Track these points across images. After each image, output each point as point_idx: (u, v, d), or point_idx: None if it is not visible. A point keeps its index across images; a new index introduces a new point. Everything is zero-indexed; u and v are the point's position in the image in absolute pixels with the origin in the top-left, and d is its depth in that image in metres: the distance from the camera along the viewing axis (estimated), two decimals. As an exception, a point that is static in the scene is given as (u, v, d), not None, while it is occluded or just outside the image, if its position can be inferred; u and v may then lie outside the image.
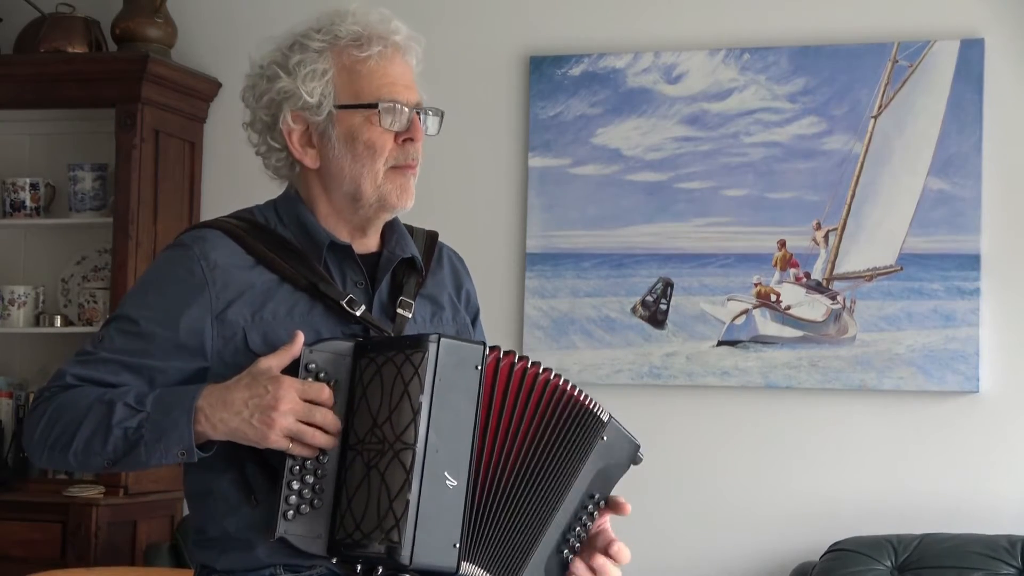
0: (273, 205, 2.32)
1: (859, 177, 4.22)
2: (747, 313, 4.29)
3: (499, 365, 2.13)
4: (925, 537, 3.94)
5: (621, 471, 2.23)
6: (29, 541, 4.31)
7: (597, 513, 2.21)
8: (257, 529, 2.14)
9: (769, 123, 4.30)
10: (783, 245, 4.28)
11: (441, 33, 4.43)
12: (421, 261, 2.34)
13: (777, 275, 4.28)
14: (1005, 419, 4.10)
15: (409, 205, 2.26)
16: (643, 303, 4.38)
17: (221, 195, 4.69)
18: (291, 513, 2.09)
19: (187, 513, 4.47)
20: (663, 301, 4.36)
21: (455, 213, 4.38)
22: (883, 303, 4.19)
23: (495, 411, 2.13)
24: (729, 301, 4.31)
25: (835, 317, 4.22)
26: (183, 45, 4.76)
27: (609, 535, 2.24)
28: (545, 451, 2.15)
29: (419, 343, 2.06)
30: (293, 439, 2.07)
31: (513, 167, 4.51)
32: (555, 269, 4.43)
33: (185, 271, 2.20)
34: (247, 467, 2.16)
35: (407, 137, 2.23)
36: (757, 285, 4.29)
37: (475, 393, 2.08)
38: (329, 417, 2.08)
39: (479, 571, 2.10)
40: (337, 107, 2.21)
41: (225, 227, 2.25)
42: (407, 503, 2.02)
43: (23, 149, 4.89)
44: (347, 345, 2.13)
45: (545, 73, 4.47)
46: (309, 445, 2.09)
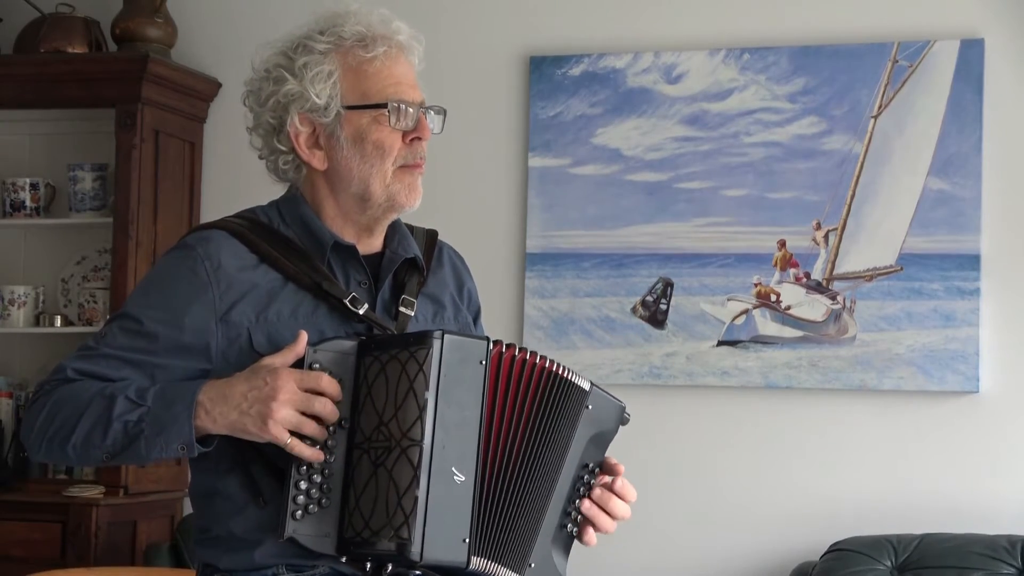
0: (276, 205, 2.33)
1: (859, 177, 4.22)
2: (747, 313, 4.29)
3: (501, 359, 2.14)
4: (925, 537, 3.94)
5: (610, 436, 2.25)
6: (29, 541, 4.31)
7: (594, 482, 2.23)
8: (264, 529, 2.15)
9: (769, 123, 4.30)
10: (783, 245, 4.28)
11: (441, 33, 4.43)
12: (423, 261, 2.34)
13: (777, 275, 4.28)
14: (1005, 419, 4.11)
15: (416, 204, 2.27)
16: (643, 303, 4.38)
17: (221, 195, 4.69)
18: (299, 513, 2.09)
19: (188, 512, 4.47)
20: (663, 301, 4.36)
21: (455, 213, 4.38)
22: (883, 303, 4.19)
23: (499, 404, 2.13)
24: (729, 301, 4.31)
25: (835, 317, 4.22)
26: (183, 45, 4.76)
27: (609, 481, 2.24)
28: (537, 432, 2.16)
29: (423, 340, 2.07)
30: (293, 432, 2.07)
31: (513, 167, 4.51)
32: (555, 269, 4.43)
33: (189, 272, 2.20)
34: (253, 467, 2.16)
35: (415, 136, 2.25)
36: (757, 285, 4.29)
37: (480, 388, 2.09)
38: (329, 407, 2.09)
39: (490, 564, 2.11)
40: (345, 108, 2.22)
41: (229, 227, 2.26)
42: (416, 500, 2.03)
43: (23, 149, 4.89)
44: (351, 344, 2.13)
45: (545, 73, 4.47)
46: (309, 437, 2.08)
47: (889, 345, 4.17)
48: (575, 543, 2.25)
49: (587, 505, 2.22)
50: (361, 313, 2.21)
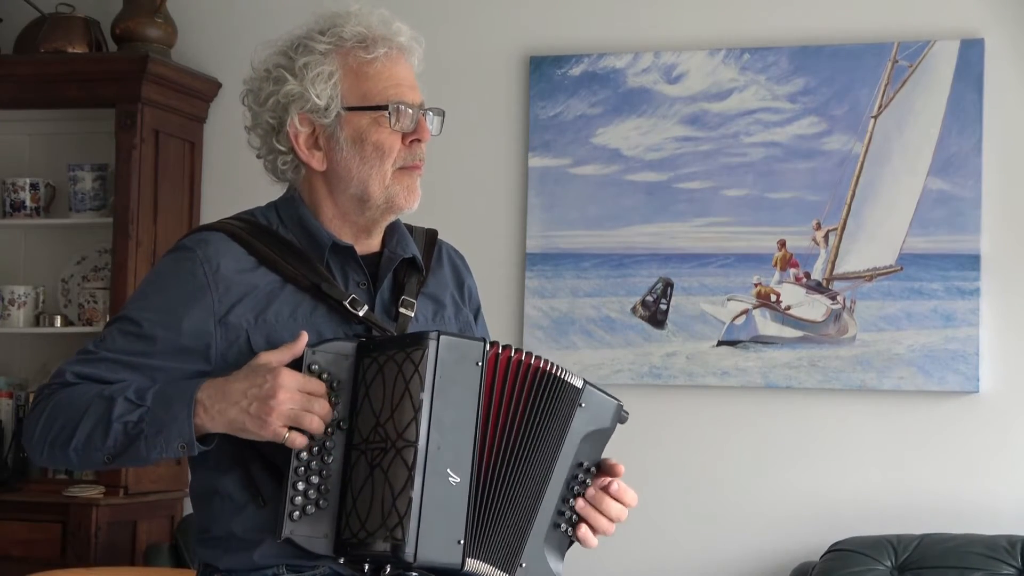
0: (274, 207, 2.33)
1: (859, 177, 4.22)
2: (747, 313, 4.29)
3: (498, 360, 2.13)
4: (925, 537, 3.95)
5: (608, 434, 2.23)
6: (29, 541, 4.31)
7: (589, 480, 2.21)
8: (263, 529, 2.15)
9: (769, 123, 4.30)
10: (783, 245, 4.28)
11: (441, 33, 4.43)
12: (422, 260, 2.34)
13: (777, 275, 4.28)
14: (1005, 419, 4.11)
15: (415, 206, 2.27)
16: (643, 303, 4.38)
17: (221, 195, 4.69)
18: (297, 514, 2.09)
19: (188, 513, 4.47)
20: (663, 301, 4.36)
21: (455, 213, 4.38)
22: (883, 303, 4.19)
23: (495, 405, 2.13)
24: (729, 301, 4.31)
25: (835, 317, 4.22)
26: (183, 45, 4.76)
27: (606, 482, 2.22)
28: (528, 431, 2.15)
29: (419, 341, 2.07)
30: (290, 427, 2.07)
31: (513, 167, 4.51)
32: (555, 269, 4.43)
33: (188, 274, 2.20)
34: (252, 467, 2.17)
35: (415, 138, 2.25)
36: (757, 285, 4.29)
37: (476, 389, 2.09)
38: (326, 408, 2.09)
39: (484, 566, 2.10)
40: (345, 109, 2.22)
41: (228, 229, 2.26)
42: (410, 501, 2.02)
43: (23, 149, 4.89)
44: (350, 345, 2.13)
45: (545, 73, 4.47)
46: (306, 432, 2.08)
47: (889, 345, 4.17)
48: (576, 544, 2.24)
49: (581, 504, 2.20)
50: (360, 315, 2.21)
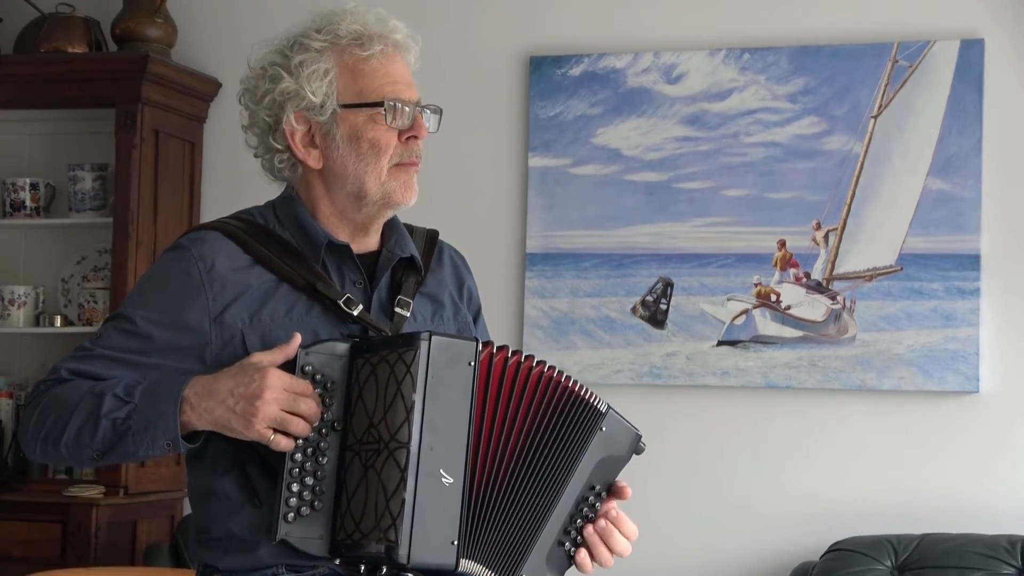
0: (272, 206, 2.33)
1: (859, 177, 4.22)
2: (747, 313, 4.29)
3: (493, 361, 2.13)
4: (925, 537, 3.95)
5: (623, 462, 2.23)
6: (29, 541, 4.31)
7: (599, 504, 2.21)
8: (260, 530, 2.15)
9: (769, 123, 4.30)
10: (783, 245, 4.28)
11: (441, 33, 4.43)
12: (420, 260, 2.34)
13: (777, 275, 4.28)
14: (1005, 419, 4.11)
15: (412, 201, 2.27)
16: (643, 303, 4.38)
17: (221, 195, 4.69)
18: (291, 515, 2.09)
19: (188, 513, 4.47)
20: (663, 301, 4.36)
21: (455, 213, 4.38)
22: (883, 303, 4.19)
23: (490, 407, 2.12)
24: (729, 301, 4.31)
25: (835, 317, 4.22)
26: (183, 45, 4.76)
27: (613, 514, 2.22)
28: (542, 445, 2.15)
29: (411, 341, 2.07)
30: (276, 429, 2.07)
31: (513, 167, 4.51)
32: (555, 269, 4.43)
33: (183, 273, 2.21)
34: (249, 468, 2.16)
35: (411, 135, 2.25)
36: (757, 285, 4.29)
37: (469, 390, 2.08)
38: (313, 409, 2.08)
39: (479, 568, 2.10)
40: (341, 106, 2.22)
41: (224, 228, 2.26)
42: (403, 502, 2.02)
43: (23, 149, 4.89)
44: (343, 346, 2.13)
45: (545, 73, 4.47)
46: (292, 435, 2.08)
47: (889, 345, 4.17)
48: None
49: (589, 532, 2.19)
50: (355, 314, 2.21)
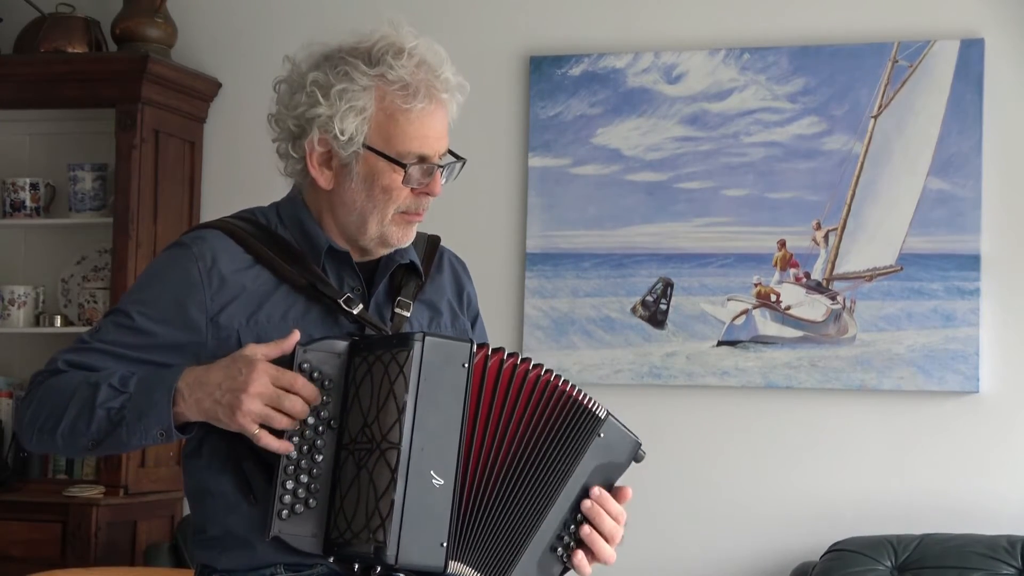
0: (275, 207, 2.34)
1: (859, 177, 4.22)
2: (747, 313, 4.29)
3: (487, 363, 2.13)
4: (925, 537, 3.94)
5: (621, 469, 2.21)
6: (29, 541, 4.31)
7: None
8: (256, 528, 2.15)
9: (769, 123, 4.30)
10: (783, 245, 4.28)
11: (441, 33, 4.38)
12: (420, 266, 2.35)
13: (777, 275, 4.28)
14: (1005, 419, 4.10)
15: (408, 243, 2.29)
16: (643, 303, 4.38)
17: (221, 195, 4.69)
18: (285, 512, 2.10)
19: (187, 513, 4.47)
20: (663, 301, 4.36)
21: (455, 213, 4.37)
22: (883, 303, 4.19)
23: (484, 409, 2.12)
24: (729, 301, 4.31)
25: (835, 317, 4.22)
26: (183, 45, 4.76)
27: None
28: (537, 449, 2.15)
29: (405, 341, 2.07)
30: (261, 424, 2.07)
31: (513, 167, 4.51)
32: (555, 269, 4.43)
33: (183, 271, 2.21)
34: (245, 465, 2.17)
35: (424, 191, 2.25)
36: (757, 285, 4.29)
37: (462, 391, 2.08)
38: (298, 405, 2.08)
39: (469, 571, 2.10)
40: (366, 147, 2.22)
41: (225, 227, 2.27)
42: (392, 503, 2.02)
43: (23, 149, 4.89)
44: (342, 344, 2.14)
45: (545, 73, 4.47)
46: (277, 432, 2.08)
47: (889, 345, 4.17)
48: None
49: (587, 531, 2.17)
50: (355, 313, 2.21)
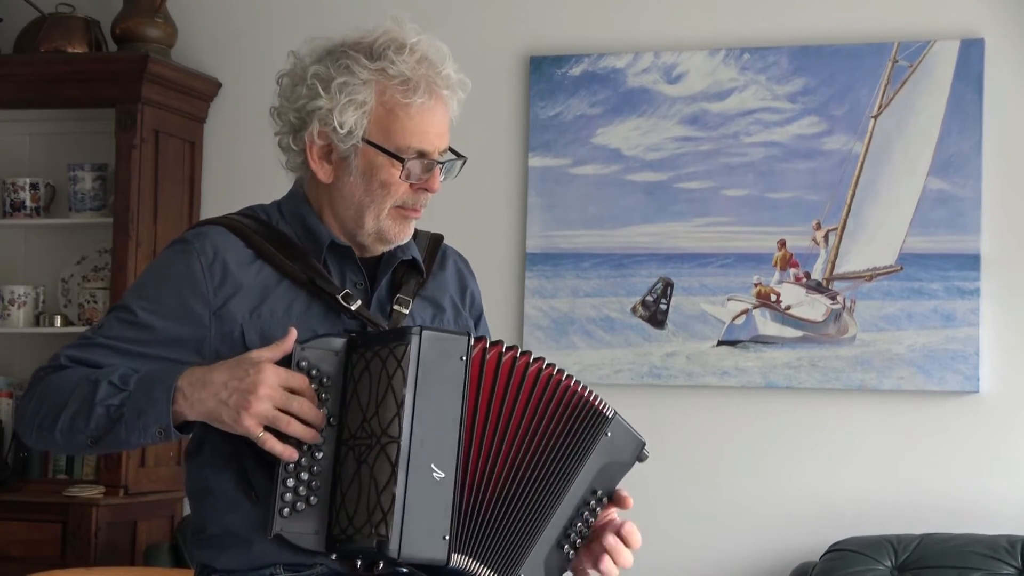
0: (277, 205, 2.35)
1: (859, 177, 4.22)
2: (747, 313, 4.29)
3: (486, 356, 2.14)
4: (925, 537, 3.94)
5: (625, 468, 2.23)
6: (29, 541, 4.31)
7: (600, 509, 2.21)
8: (257, 527, 2.15)
9: (769, 123, 4.30)
10: (783, 245, 4.28)
11: (441, 33, 4.39)
12: (422, 263, 2.35)
13: (777, 275, 4.28)
14: (1005, 419, 4.11)
15: (406, 240, 2.29)
16: (643, 303, 4.38)
17: (221, 195, 4.69)
18: (287, 510, 2.10)
19: (188, 513, 4.47)
20: (663, 301, 4.36)
21: (455, 213, 4.36)
22: (883, 303, 4.19)
23: (483, 402, 2.13)
24: (729, 301, 4.31)
25: (835, 317, 4.22)
26: (183, 45, 4.76)
27: (618, 522, 2.23)
28: (547, 446, 2.16)
29: (402, 336, 2.07)
30: (267, 427, 2.07)
31: (513, 167, 4.51)
32: (555, 269, 4.43)
33: (185, 266, 2.22)
34: (246, 464, 2.17)
35: (423, 187, 2.26)
36: (757, 285, 4.29)
37: (460, 384, 2.09)
38: (306, 407, 2.08)
39: (474, 563, 2.10)
40: (365, 141, 2.22)
41: (227, 223, 2.28)
42: (393, 496, 2.03)
43: (23, 149, 4.89)
44: (339, 342, 2.14)
45: (545, 73, 4.47)
46: (284, 435, 2.08)
47: (889, 345, 4.17)
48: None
49: (599, 550, 2.19)
50: (354, 309, 2.22)
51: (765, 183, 4.29)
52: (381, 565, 2.09)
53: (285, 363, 2.11)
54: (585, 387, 2.20)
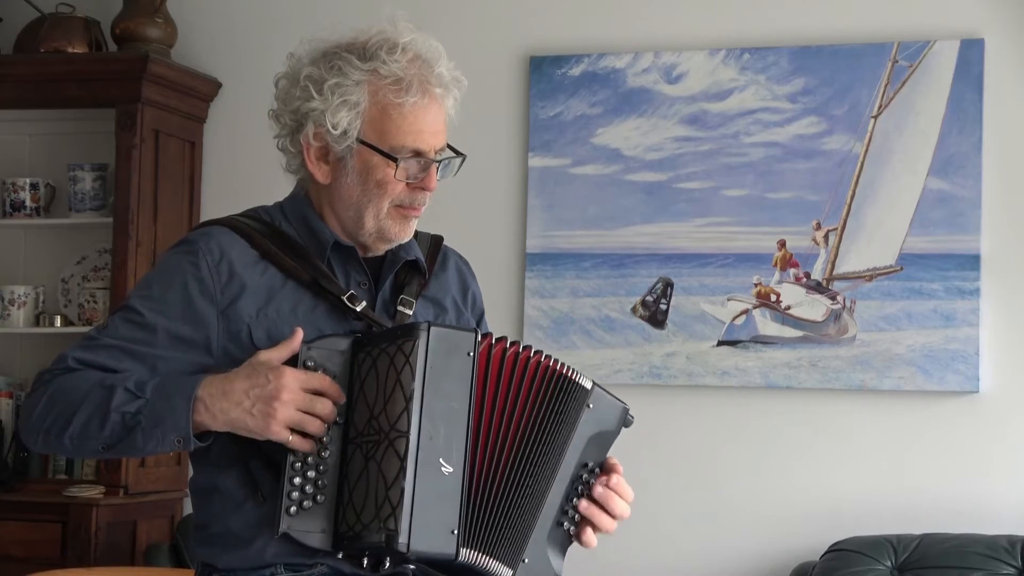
0: (280, 206, 2.35)
1: (859, 177, 4.22)
2: (747, 313, 4.29)
3: (492, 351, 2.15)
4: (925, 537, 3.95)
5: (613, 436, 2.25)
6: (29, 541, 4.31)
7: (593, 481, 2.23)
8: (261, 526, 2.16)
9: (769, 123, 4.30)
10: (783, 245, 4.28)
11: (441, 33, 4.38)
12: (424, 264, 2.35)
13: (777, 275, 4.28)
14: (1005, 419, 4.11)
15: (406, 239, 2.30)
16: (643, 303, 4.38)
17: (221, 195, 4.69)
18: (294, 509, 2.10)
19: (188, 513, 4.47)
20: (663, 301, 4.36)
21: (455, 213, 4.37)
22: (883, 303, 4.19)
23: (489, 397, 2.14)
24: (729, 301, 4.31)
25: (835, 317, 4.22)
26: (183, 45, 4.76)
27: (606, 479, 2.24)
28: (534, 429, 2.17)
29: (410, 332, 2.09)
30: (294, 430, 2.08)
31: (513, 167, 4.51)
32: (555, 269, 4.43)
33: (191, 266, 2.22)
34: (252, 464, 2.17)
35: (420, 186, 2.26)
36: (757, 285, 4.29)
37: (468, 380, 2.10)
38: (329, 407, 2.10)
39: (480, 556, 2.11)
40: (359, 141, 2.23)
41: (232, 224, 2.28)
42: (402, 491, 2.04)
43: (23, 149, 4.89)
44: (345, 341, 2.15)
45: (545, 73, 4.47)
46: (310, 436, 2.10)
47: (889, 345, 4.17)
48: (573, 544, 2.25)
49: (585, 505, 2.21)
50: (359, 310, 2.22)
51: (765, 183, 4.29)
52: (387, 562, 2.09)
53: (292, 363, 2.12)
54: (560, 362, 2.21)
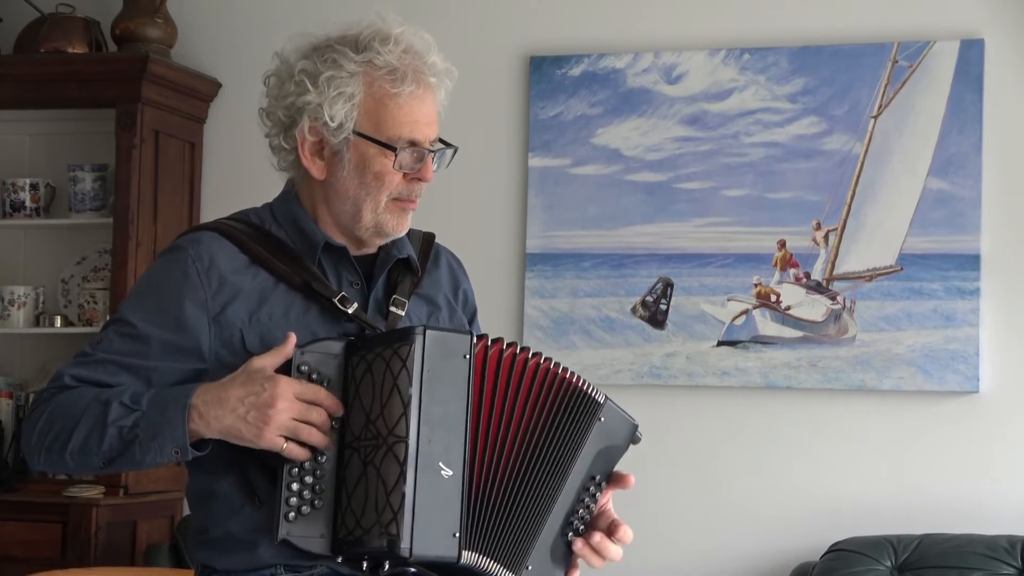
0: (269, 207, 2.34)
1: (859, 177, 4.22)
2: (747, 313, 4.29)
3: (488, 353, 2.14)
4: (925, 537, 3.95)
5: (620, 452, 2.25)
6: (29, 541, 4.31)
7: (599, 494, 2.23)
8: (260, 530, 2.15)
9: (769, 123, 4.30)
10: (783, 245, 4.28)
11: (441, 33, 4.39)
12: (417, 262, 2.35)
13: (777, 275, 4.28)
14: (1005, 419, 4.11)
15: (403, 232, 2.30)
16: (643, 303, 4.38)
17: (221, 195, 4.69)
18: (292, 515, 2.10)
19: (188, 513, 4.47)
20: (663, 301, 4.36)
21: (455, 213, 4.38)
22: (883, 303, 4.19)
23: (487, 399, 2.14)
24: (729, 301, 4.31)
25: (835, 317, 4.22)
26: (183, 45, 4.76)
27: (611, 515, 2.24)
28: (543, 437, 2.17)
29: (406, 336, 2.08)
30: (288, 438, 2.08)
31: (513, 167, 4.51)
32: (555, 269, 4.43)
33: (181, 274, 2.21)
34: (249, 469, 2.17)
35: (416, 177, 2.25)
36: (757, 285, 4.29)
37: (465, 382, 2.10)
38: (324, 416, 2.10)
39: (483, 559, 2.11)
40: (356, 133, 2.22)
41: (221, 228, 2.27)
42: (403, 496, 2.03)
43: (23, 149, 4.89)
44: (338, 345, 2.15)
45: (545, 73, 4.47)
46: (304, 444, 2.09)
47: (889, 345, 4.17)
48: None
49: (580, 545, 2.20)
50: (350, 312, 2.22)
51: (765, 183, 4.29)
52: (387, 566, 2.09)
53: (285, 368, 2.11)
54: (574, 374, 2.21)
